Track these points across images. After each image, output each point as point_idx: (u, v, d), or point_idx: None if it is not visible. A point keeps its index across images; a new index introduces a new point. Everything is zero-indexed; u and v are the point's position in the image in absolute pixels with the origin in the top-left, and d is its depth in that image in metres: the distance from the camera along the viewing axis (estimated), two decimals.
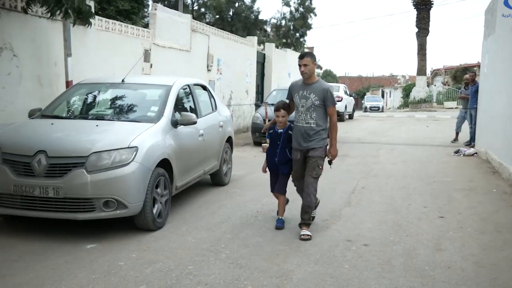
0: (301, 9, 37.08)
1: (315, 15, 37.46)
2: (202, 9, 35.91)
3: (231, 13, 35.00)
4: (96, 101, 7.18)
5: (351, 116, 26.15)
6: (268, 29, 38.61)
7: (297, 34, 37.72)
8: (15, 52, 7.80)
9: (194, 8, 35.26)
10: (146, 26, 13.18)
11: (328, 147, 5.82)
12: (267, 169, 6.25)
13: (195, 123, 6.77)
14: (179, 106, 7.02)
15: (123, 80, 7.07)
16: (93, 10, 8.92)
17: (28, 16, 7.86)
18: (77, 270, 4.60)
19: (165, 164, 6.05)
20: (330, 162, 5.91)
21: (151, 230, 5.74)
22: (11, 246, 5.24)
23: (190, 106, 7.45)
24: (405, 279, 4.53)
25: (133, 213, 5.55)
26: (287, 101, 6.06)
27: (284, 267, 4.79)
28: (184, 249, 5.22)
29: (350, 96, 27.10)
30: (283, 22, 37.79)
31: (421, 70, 39.68)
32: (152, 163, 5.74)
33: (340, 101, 22.86)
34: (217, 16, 34.80)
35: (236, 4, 34.69)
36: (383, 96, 57.05)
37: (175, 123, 6.52)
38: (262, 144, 6.65)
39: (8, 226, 5.91)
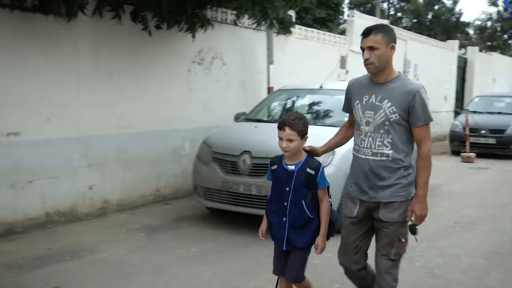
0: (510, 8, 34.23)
1: None
2: (399, 14, 35.18)
3: (429, 16, 33.71)
4: (294, 106, 7.53)
5: None
6: (471, 31, 36.33)
7: (505, 36, 34.88)
8: (224, 60, 8.55)
9: (390, 13, 34.70)
10: (341, 33, 13.40)
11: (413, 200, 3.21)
12: (267, 234, 3.63)
13: None
14: None
15: (321, 86, 7.30)
16: (293, 19, 9.39)
17: (236, 27, 8.55)
18: None
19: None
20: (413, 230, 3.22)
21: None
22: (218, 237, 5.76)
23: None
24: None
25: None
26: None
27: (484, 281, 4.52)
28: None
29: None
30: (489, 23, 35.27)
31: None
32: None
33: None
34: (415, 20, 33.80)
35: (436, 7, 33.32)
36: None
37: None
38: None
39: (213, 219, 6.51)
